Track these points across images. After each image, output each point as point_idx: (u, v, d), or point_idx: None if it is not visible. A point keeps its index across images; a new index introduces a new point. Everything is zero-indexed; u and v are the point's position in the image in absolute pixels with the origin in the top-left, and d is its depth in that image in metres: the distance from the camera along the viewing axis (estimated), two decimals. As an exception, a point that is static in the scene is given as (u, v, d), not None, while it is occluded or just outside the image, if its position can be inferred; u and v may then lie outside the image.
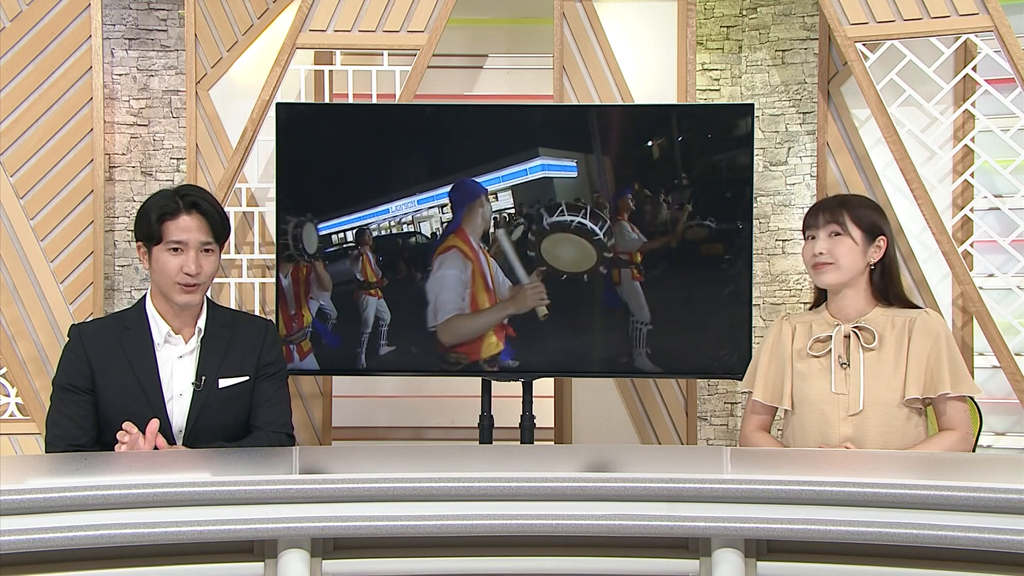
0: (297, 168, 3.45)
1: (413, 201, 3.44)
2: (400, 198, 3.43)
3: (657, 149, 3.43)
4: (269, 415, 2.77)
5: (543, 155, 3.39)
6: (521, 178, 3.40)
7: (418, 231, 3.43)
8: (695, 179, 3.40)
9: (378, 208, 3.43)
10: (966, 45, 3.65)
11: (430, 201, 3.43)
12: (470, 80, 4.26)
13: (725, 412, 4.23)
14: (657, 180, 3.41)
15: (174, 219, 2.68)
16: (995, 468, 2.35)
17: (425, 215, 3.43)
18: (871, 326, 2.74)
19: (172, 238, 2.67)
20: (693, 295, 3.40)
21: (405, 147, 3.44)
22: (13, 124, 3.74)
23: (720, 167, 3.40)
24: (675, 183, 3.40)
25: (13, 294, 3.73)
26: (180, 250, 2.67)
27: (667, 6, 3.85)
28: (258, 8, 3.92)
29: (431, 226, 3.42)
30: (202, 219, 2.70)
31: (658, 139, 3.44)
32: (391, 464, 2.28)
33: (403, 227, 3.43)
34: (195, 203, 2.70)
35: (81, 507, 1.94)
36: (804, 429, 2.75)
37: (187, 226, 2.68)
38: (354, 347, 3.44)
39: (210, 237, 2.71)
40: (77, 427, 2.66)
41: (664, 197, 3.40)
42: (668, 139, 3.44)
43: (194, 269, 2.66)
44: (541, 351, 3.42)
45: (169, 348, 2.72)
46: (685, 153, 3.42)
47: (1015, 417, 3.64)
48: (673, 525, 2.01)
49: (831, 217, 2.75)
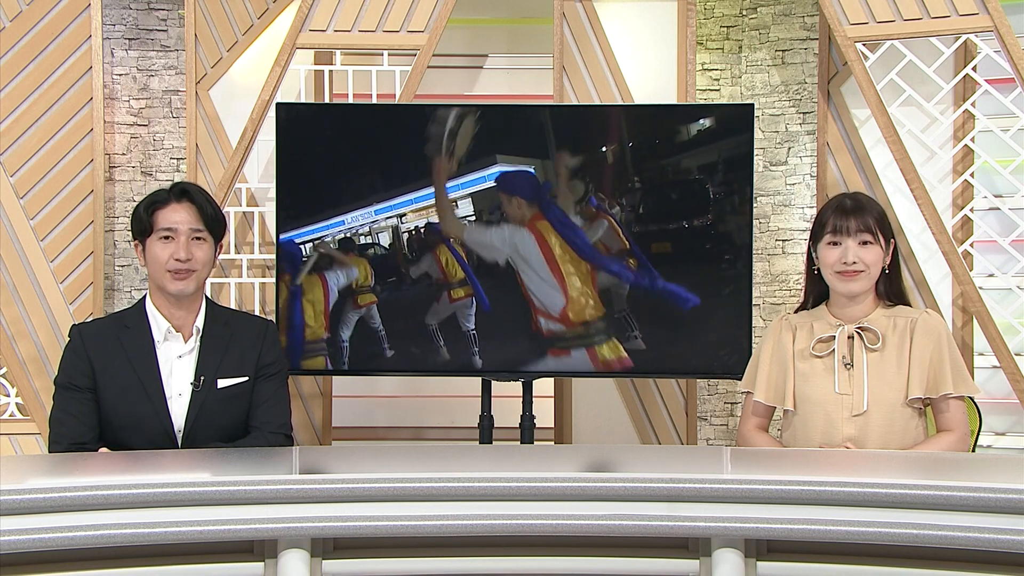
0: (297, 168, 3.45)
1: (413, 201, 3.44)
2: (400, 198, 3.43)
3: (657, 149, 3.43)
4: (267, 415, 2.76)
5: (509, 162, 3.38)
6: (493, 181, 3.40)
7: (418, 230, 3.43)
8: (695, 179, 3.40)
9: (378, 208, 3.43)
10: (966, 45, 3.65)
11: (429, 200, 3.43)
12: (470, 80, 4.26)
13: (725, 412, 4.23)
14: (657, 180, 3.41)
15: (164, 207, 2.72)
16: (995, 468, 2.35)
17: (425, 215, 3.43)
18: (874, 326, 2.74)
19: (162, 226, 2.70)
20: (693, 295, 3.40)
21: (405, 147, 3.44)
22: (13, 124, 3.74)
23: (720, 167, 3.39)
24: (675, 183, 3.40)
25: (13, 294, 3.73)
26: (171, 238, 2.70)
27: (667, 6, 3.85)
28: (258, 8, 3.92)
29: (430, 226, 3.42)
30: (192, 207, 2.73)
31: (658, 139, 3.44)
32: (391, 464, 2.27)
33: (403, 227, 3.43)
34: (184, 191, 2.75)
35: (81, 507, 1.94)
36: (807, 429, 2.75)
37: (176, 213, 2.71)
38: (354, 347, 3.44)
39: (200, 225, 2.73)
40: (80, 425, 2.66)
41: (664, 197, 3.40)
42: (668, 139, 3.44)
43: (184, 255, 2.68)
44: (541, 350, 3.42)
45: (169, 346, 2.73)
46: (685, 153, 3.42)
47: (1015, 417, 3.64)
48: (673, 525, 2.01)
49: (862, 224, 2.72)
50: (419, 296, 3.43)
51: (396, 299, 3.44)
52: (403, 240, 3.43)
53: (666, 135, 3.44)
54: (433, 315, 3.43)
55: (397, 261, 3.44)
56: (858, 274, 2.72)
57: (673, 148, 3.43)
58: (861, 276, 2.72)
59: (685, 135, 3.43)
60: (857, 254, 2.71)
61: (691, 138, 3.43)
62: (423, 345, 3.44)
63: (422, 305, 3.43)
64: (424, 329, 3.43)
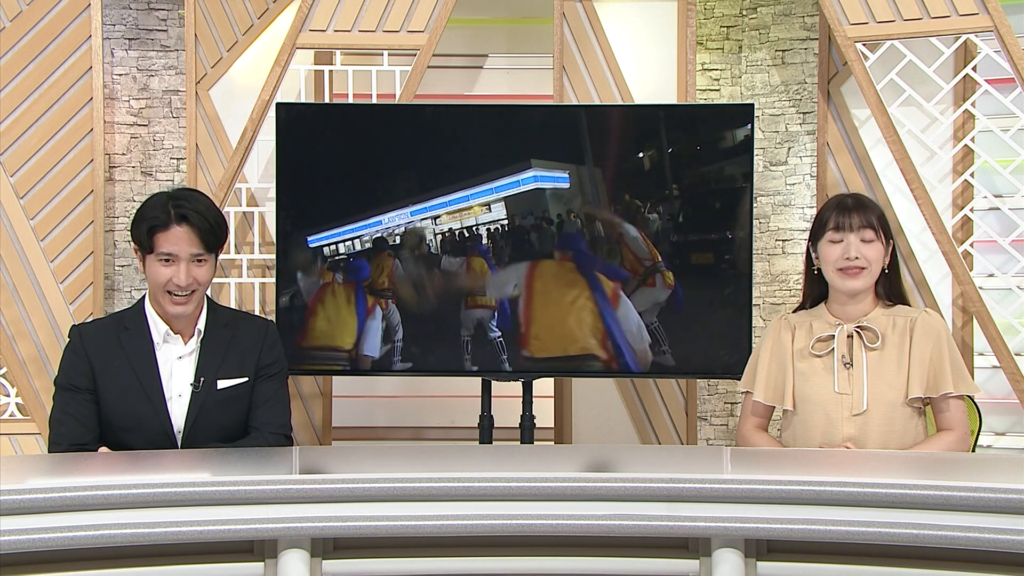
0: (297, 168, 3.45)
1: (413, 201, 3.44)
2: (400, 198, 3.44)
3: (657, 149, 3.43)
4: (267, 416, 2.76)
5: (535, 166, 3.38)
6: (514, 189, 3.39)
7: (417, 230, 3.43)
8: (695, 179, 3.40)
9: (378, 208, 3.43)
10: (966, 45, 3.65)
11: (429, 201, 3.43)
12: (470, 80, 4.26)
13: (725, 412, 4.23)
14: (657, 180, 3.41)
15: (164, 231, 2.66)
16: (995, 468, 2.35)
17: (424, 215, 3.43)
18: (873, 325, 2.74)
19: (162, 250, 2.67)
20: (693, 295, 3.40)
21: (405, 147, 3.44)
22: (13, 124, 3.74)
23: (720, 167, 3.39)
24: (675, 183, 3.40)
25: (13, 294, 3.73)
26: (171, 261, 2.67)
27: (667, 6, 3.85)
28: (258, 8, 3.92)
29: (428, 225, 3.42)
30: (192, 231, 2.67)
31: (658, 139, 3.44)
32: (391, 464, 2.28)
33: (403, 227, 3.43)
34: (184, 216, 2.67)
35: (81, 507, 1.94)
36: (807, 429, 2.75)
37: (177, 239, 2.66)
38: (354, 347, 3.44)
39: (201, 249, 2.68)
40: (80, 425, 2.66)
41: (664, 197, 3.40)
42: (668, 139, 3.44)
43: (184, 281, 2.65)
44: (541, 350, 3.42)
45: (168, 348, 2.72)
46: (685, 153, 3.42)
47: (1015, 417, 3.64)
48: (673, 525, 2.01)
49: (864, 220, 2.73)
50: (419, 295, 3.43)
51: (399, 298, 3.44)
52: (403, 238, 3.43)
53: (666, 135, 3.44)
54: (446, 318, 3.44)
55: (398, 259, 3.44)
56: (860, 271, 2.72)
57: (672, 148, 3.43)
58: (863, 273, 2.73)
59: (685, 135, 3.43)
60: (859, 250, 2.71)
61: (691, 138, 3.43)
62: (423, 345, 3.44)
63: (422, 303, 3.43)
64: (427, 328, 3.44)
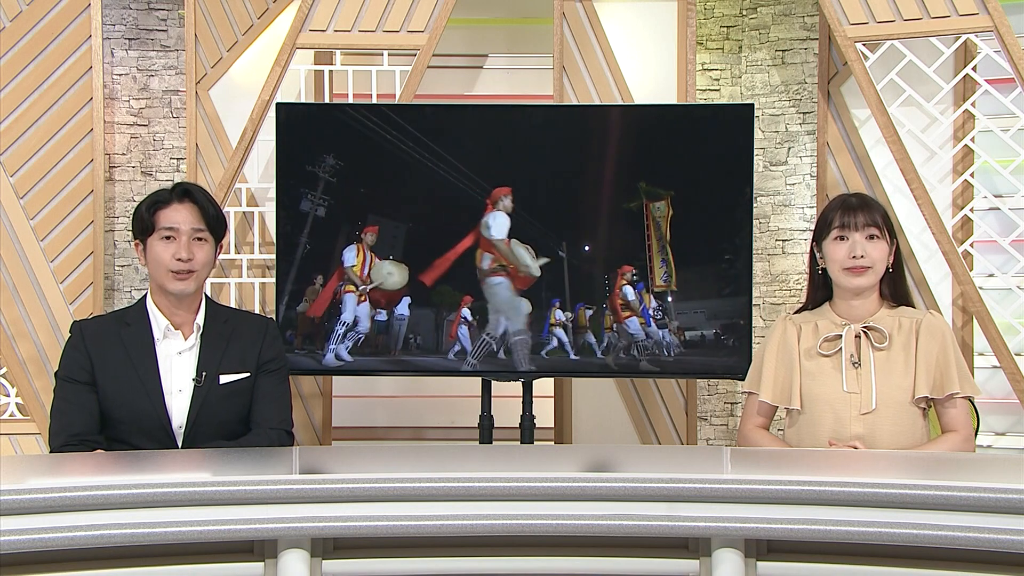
0: (297, 168, 3.45)
1: (413, 201, 3.44)
2: (399, 198, 3.43)
3: (657, 149, 3.43)
4: (268, 412, 2.77)
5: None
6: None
7: (417, 230, 3.43)
8: (695, 179, 3.40)
9: (378, 208, 3.43)
10: (966, 45, 3.65)
11: (429, 201, 3.43)
12: (470, 80, 4.26)
13: (725, 412, 4.23)
14: (657, 180, 3.40)
15: (166, 207, 2.74)
16: (995, 468, 2.35)
17: (424, 214, 3.43)
18: (880, 325, 2.74)
19: (164, 225, 2.72)
20: (693, 295, 3.40)
21: (405, 147, 3.44)
22: (13, 124, 3.74)
23: (720, 167, 3.39)
24: (675, 183, 3.40)
25: (13, 294, 3.73)
26: (172, 237, 2.71)
27: (667, 6, 3.85)
28: (258, 8, 3.92)
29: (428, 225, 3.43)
30: (194, 207, 2.74)
31: (658, 139, 3.44)
32: (391, 464, 2.27)
33: (403, 227, 3.43)
34: (187, 191, 2.76)
35: (81, 507, 1.94)
36: (815, 428, 2.74)
37: (178, 213, 2.73)
38: (354, 346, 3.44)
39: (202, 225, 2.74)
40: (81, 414, 2.67)
41: (664, 197, 3.40)
42: (668, 139, 3.44)
43: (186, 255, 2.69)
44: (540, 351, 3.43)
45: (168, 343, 2.73)
46: (685, 153, 3.42)
47: (1015, 417, 3.64)
48: (673, 525, 2.01)
49: (869, 219, 2.73)
50: (431, 299, 3.43)
51: (415, 298, 3.44)
52: (403, 238, 3.43)
53: (666, 135, 3.43)
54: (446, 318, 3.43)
55: (399, 261, 3.44)
56: (865, 270, 2.73)
57: (672, 148, 3.43)
58: (868, 272, 2.73)
59: (685, 135, 3.43)
60: (864, 248, 2.72)
61: (691, 138, 3.43)
62: (423, 345, 3.44)
63: (421, 303, 3.43)
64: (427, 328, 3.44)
